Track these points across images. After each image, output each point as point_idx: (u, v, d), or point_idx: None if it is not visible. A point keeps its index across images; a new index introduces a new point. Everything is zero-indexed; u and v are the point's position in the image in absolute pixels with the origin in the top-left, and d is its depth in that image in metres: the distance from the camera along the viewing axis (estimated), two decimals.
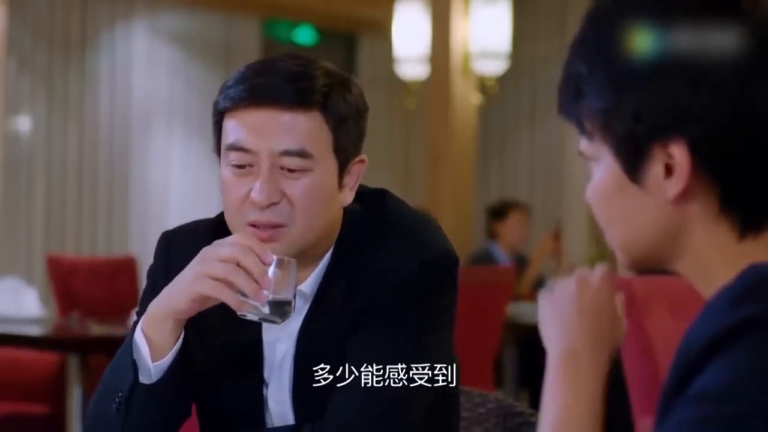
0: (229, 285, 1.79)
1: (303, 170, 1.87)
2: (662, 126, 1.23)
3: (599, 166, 1.29)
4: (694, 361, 1.16)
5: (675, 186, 1.24)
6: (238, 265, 1.79)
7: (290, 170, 1.87)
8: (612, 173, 1.28)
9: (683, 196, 1.24)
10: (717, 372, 1.14)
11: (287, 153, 1.86)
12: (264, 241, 1.86)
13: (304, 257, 1.91)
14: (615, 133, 1.26)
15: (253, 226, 1.88)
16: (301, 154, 1.86)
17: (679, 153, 1.22)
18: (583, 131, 1.30)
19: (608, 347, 1.35)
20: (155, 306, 1.87)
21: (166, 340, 1.86)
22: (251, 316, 1.81)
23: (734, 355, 1.13)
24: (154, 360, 1.86)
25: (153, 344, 1.86)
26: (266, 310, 1.80)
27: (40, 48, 8.78)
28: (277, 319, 1.81)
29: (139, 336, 1.86)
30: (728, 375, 1.13)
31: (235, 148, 1.88)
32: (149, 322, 1.86)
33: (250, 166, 1.88)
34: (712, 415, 1.12)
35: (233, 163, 1.88)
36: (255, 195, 1.86)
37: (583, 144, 1.31)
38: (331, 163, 1.90)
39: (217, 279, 1.79)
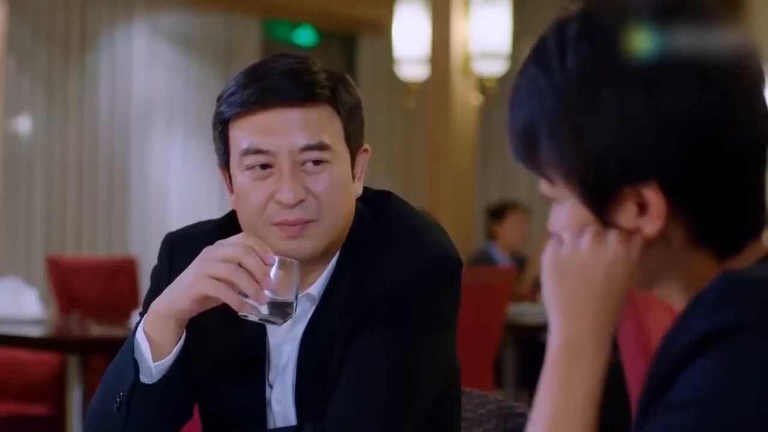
0: (231, 285, 1.79)
1: (324, 163, 1.88)
2: (631, 170, 1.20)
3: (564, 208, 1.26)
4: (673, 367, 1.15)
5: (651, 226, 1.21)
6: (240, 266, 1.79)
7: (314, 162, 1.88)
8: (579, 216, 1.25)
9: (658, 234, 1.22)
10: (695, 377, 1.13)
11: (308, 148, 1.87)
12: (294, 237, 1.87)
13: (326, 249, 1.91)
14: (580, 182, 1.23)
15: (283, 224, 1.88)
16: (321, 146, 1.88)
17: (652, 195, 1.20)
18: (544, 177, 1.26)
19: (613, 327, 1.25)
20: (157, 306, 1.87)
21: (167, 340, 1.86)
22: (252, 317, 1.81)
23: (712, 360, 1.12)
24: (155, 359, 1.86)
25: (154, 344, 1.86)
26: (267, 310, 1.79)
27: (40, 48, 8.78)
28: (278, 320, 1.81)
29: (140, 336, 1.87)
30: (707, 381, 1.12)
31: (251, 151, 1.88)
32: (151, 321, 1.87)
33: (270, 167, 1.88)
34: (693, 423, 1.11)
35: (250, 165, 1.88)
36: (282, 196, 1.86)
37: (544, 186, 1.28)
38: (345, 154, 1.92)
39: (218, 279, 1.80)
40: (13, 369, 5.73)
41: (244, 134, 1.89)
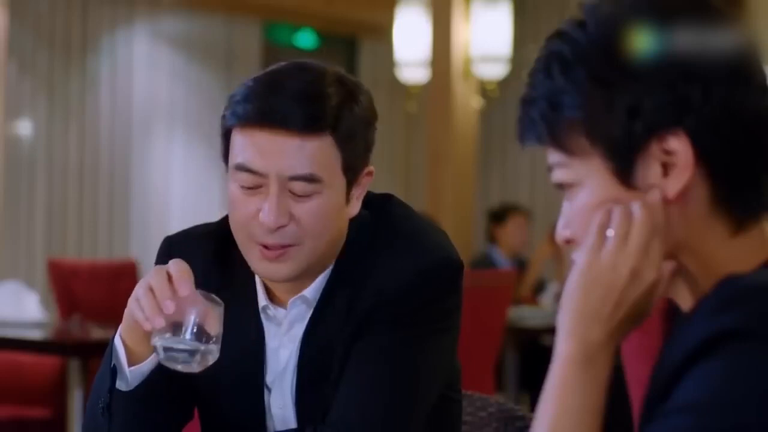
0: (139, 308, 1.76)
1: (311, 194, 1.85)
2: (662, 118, 1.22)
3: (583, 188, 1.27)
4: (675, 371, 1.16)
5: (678, 180, 1.23)
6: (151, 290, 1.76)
7: (299, 195, 1.85)
8: (600, 187, 1.26)
9: (680, 194, 1.24)
10: (696, 383, 1.14)
11: (296, 178, 1.84)
12: (270, 260, 1.86)
13: (308, 270, 1.90)
14: (608, 134, 1.24)
15: (263, 246, 1.86)
16: (310, 179, 1.84)
17: (680, 145, 1.22)
18: (562, 149, 1.27)
19: (628, 334, 1.27)
20: (128, 312, 1.85)
21: (140, 345, 1.84)
22: (158, 343, 1.74)
23: (713, 364, 1.13)
24: (130, 364, 1.85)
25: (129, 349, 1.85)
26: (165, 342, 1.72)
27: (41, 51, 8.78)
28: (182, 361, 1.73)
29: (117, 340, 1.86)
30: (707, 385, 1.13)
31: (244, 169, 1.85)
32: (124, 326, 1.85)
33: (259, 186, 1.85)
34: (693, 426, 1.12)
35: (242, 184, 1.86)
36: (264, 217, 1.84)
37: (559, 173, 1.28)
38: (340, 182, 1.88)
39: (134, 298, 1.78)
40: (14, 372, 5.73)
41: (240, 147, 1.86)
